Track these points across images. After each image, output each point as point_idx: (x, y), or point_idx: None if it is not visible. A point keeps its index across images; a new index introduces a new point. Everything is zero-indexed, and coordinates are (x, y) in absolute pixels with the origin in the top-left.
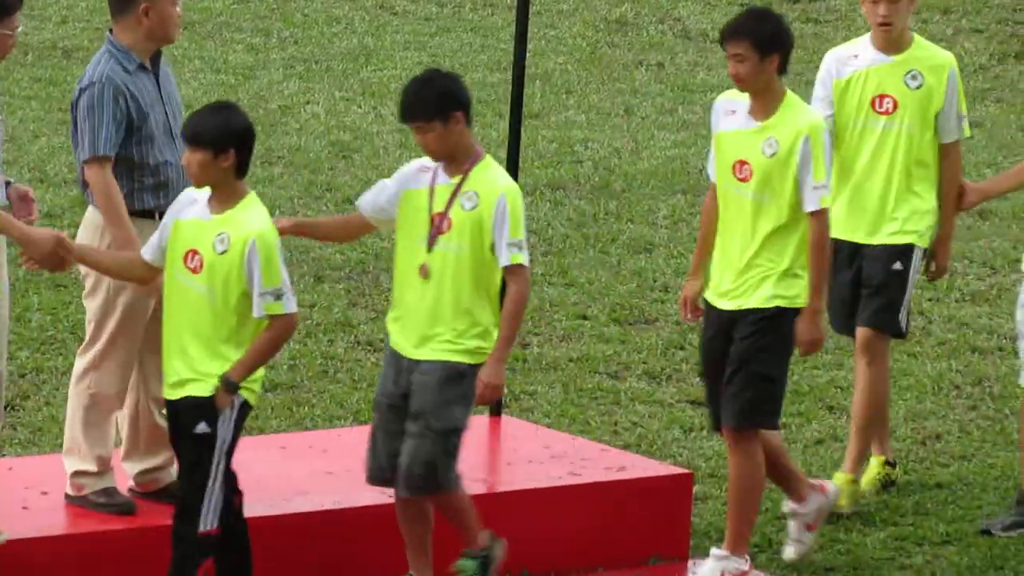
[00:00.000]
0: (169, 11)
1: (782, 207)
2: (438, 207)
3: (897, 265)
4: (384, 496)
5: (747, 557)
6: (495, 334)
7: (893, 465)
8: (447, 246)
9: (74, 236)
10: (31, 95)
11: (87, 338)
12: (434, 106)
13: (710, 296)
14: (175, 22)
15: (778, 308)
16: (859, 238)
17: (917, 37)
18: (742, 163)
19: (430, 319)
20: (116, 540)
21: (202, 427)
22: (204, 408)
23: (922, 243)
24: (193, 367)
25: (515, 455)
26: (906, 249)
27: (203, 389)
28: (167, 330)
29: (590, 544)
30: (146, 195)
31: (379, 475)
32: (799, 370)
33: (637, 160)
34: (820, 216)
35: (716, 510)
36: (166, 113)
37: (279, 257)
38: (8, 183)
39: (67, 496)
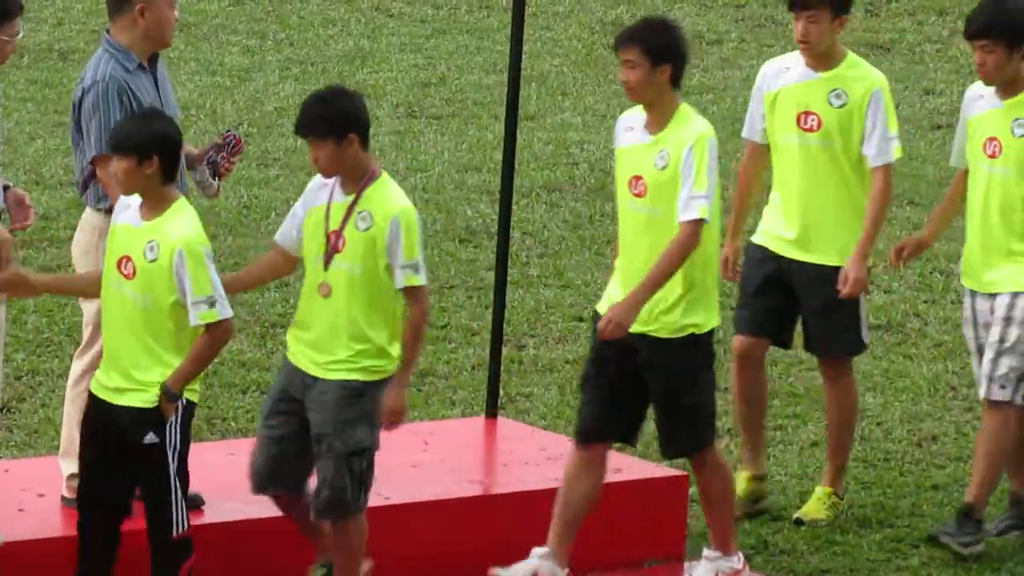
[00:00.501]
0: (165, 13)
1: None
2: (333, 225)
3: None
4: (379, 498)
5: (739, 555)
6: (395, 352)
7: (762, 479)
8: (342, 265)
9: (71, 239)
10: (27, 97)
11: (83, 341)
12: (329, 124)
13: (602, 309)
14: (171, 25)
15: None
16: (790, 253)
17: (851, 56)
18: (637, 178)
19: (328, 337)
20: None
21: (150, 438)
22: (149, 419)
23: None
24: (132, 376)
25: (511, 457)
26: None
27: (145, 400)
28: (106, 336)
29: (586, 546)
30: None
31: (261, 484)
32: (795, 372)
33: None
34: (691, 227)
35: None
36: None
37: (208, 264)
38: (6, 187)
39: (63, 498)
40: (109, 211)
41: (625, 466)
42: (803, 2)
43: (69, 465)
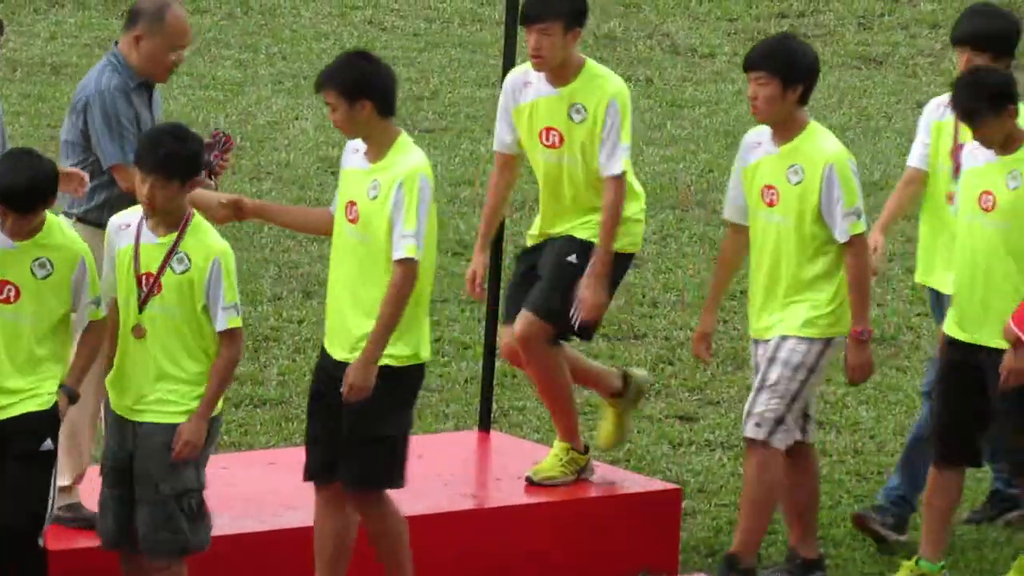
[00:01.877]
0: (161, 54)
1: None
2: (148, 267)
3: (572, 258)
4: None
5: None
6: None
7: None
8: (158, 308)
9: None
10: (20, 111)
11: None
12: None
13: None
14: (164, 66)
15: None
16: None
17: (589, 66)
18: (352, 204)
19: (146, 379)
20: (82, 557)
21: (48, 444)
22: (47, 423)
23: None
24: (27, 383)
25: (504, 471)
26: (587, 246)
27: (41, 404)
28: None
29: (579, 560)
30: (115, 209)
31: (113, 542)
32: None
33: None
34: (403, 267)
35: (705, 525)
36: None
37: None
38: None
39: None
40: (82, 217)
41: (618, 479)
42: (535, 16)
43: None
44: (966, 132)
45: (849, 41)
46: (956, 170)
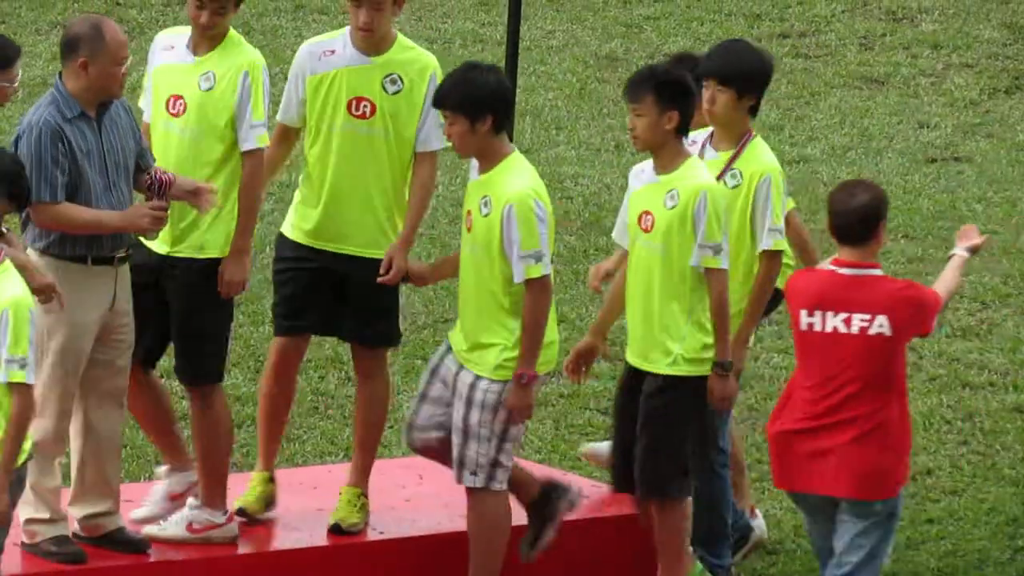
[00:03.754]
0: (110, 69)
1: None
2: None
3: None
4: (375, 533)
5: (227, 511)
6: None
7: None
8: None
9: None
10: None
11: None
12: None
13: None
14: (118, 81)
15: None
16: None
17: (401, 38)
18: None
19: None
20: None
21: None
22: None
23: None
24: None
25: None
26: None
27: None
28: None
29: None
30: (77, 241)
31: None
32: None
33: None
34: None
35: None
36: (106, 163)
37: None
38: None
39: (22, 544)
40: (45, 250)
41: (620, 499)
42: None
43: (25, 510)
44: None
45: (851, 61)
46: None
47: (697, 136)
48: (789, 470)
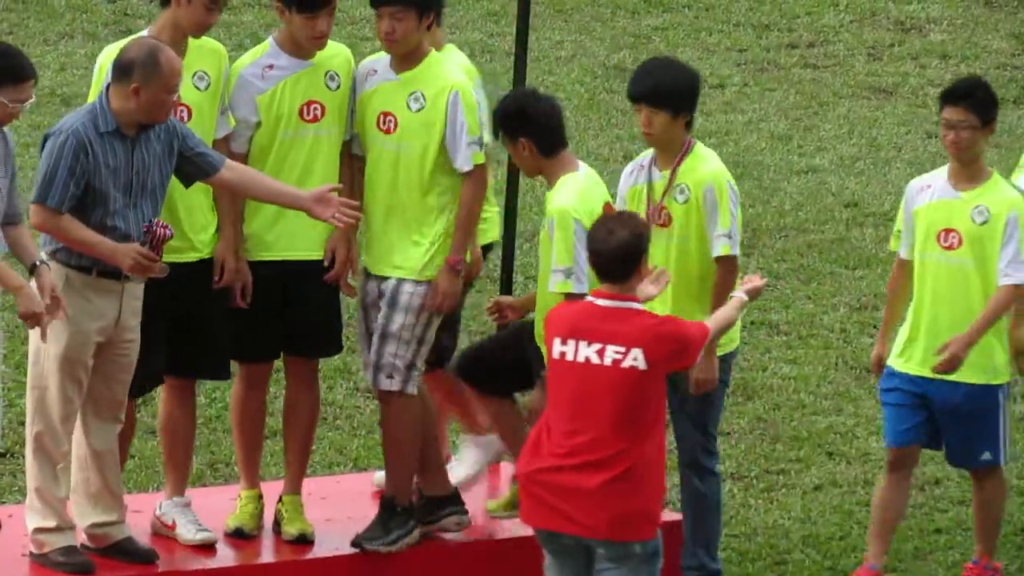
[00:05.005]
0: (161, 97)
1: None
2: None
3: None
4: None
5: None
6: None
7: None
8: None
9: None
10: (30, 142)
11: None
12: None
13: None
14: (166, 108)
15: None
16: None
17: (433, 54)
18: None
19: None
20: None
21: None
22: None
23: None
24: None
25: None
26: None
27: None
28: None
29: None
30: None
31: None
32: (798, 416)
33: None
34: None
35: None
36: (131, 182)
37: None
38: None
39: (30, 554)
40: (53, 254)
41: None
42: None
43: (34, 520)
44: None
45: (859, 71)
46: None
47: (643, 159)
48: (540, 508)
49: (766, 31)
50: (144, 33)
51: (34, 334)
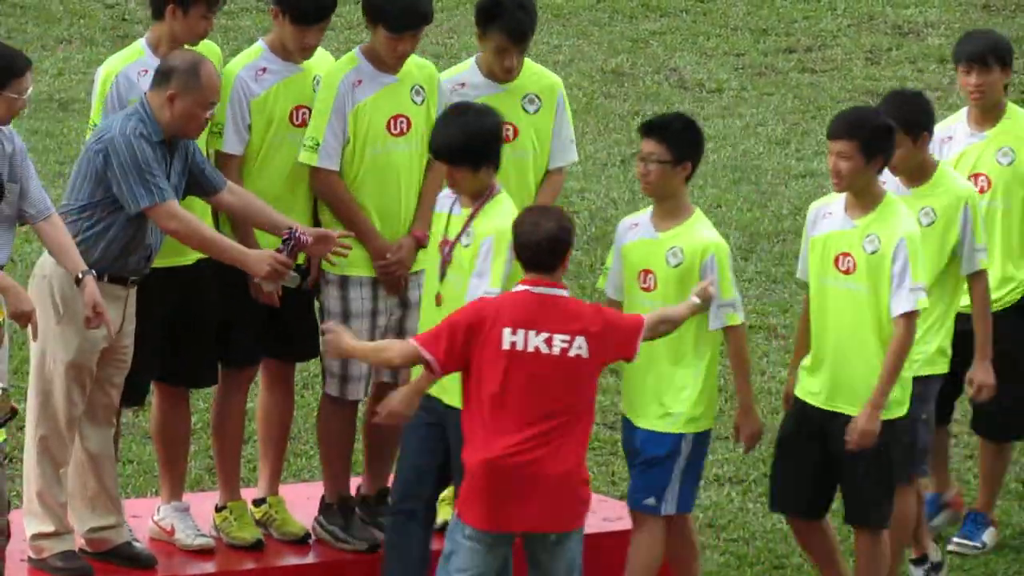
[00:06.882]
0: (194, 111)
1: None
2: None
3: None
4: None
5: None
6: None
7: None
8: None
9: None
10: (28, 147)
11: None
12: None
13: None
14: (198, 123)
15: None
16: None
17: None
18: None
19: None
20: None
21: None
22: None
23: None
24: None
25: None
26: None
27: None
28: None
29: None
30: (95, 258)
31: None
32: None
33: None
34: None
35: (713, 560)
36: None
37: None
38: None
39: (29, 559)
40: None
41: (627, 514)
42: None
43: (32, 525)
44: None
45: (857, 76)
46: None
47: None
48: (500, 509)
49: (764, 35)
50: (143, 43)
51: (37, 339)
